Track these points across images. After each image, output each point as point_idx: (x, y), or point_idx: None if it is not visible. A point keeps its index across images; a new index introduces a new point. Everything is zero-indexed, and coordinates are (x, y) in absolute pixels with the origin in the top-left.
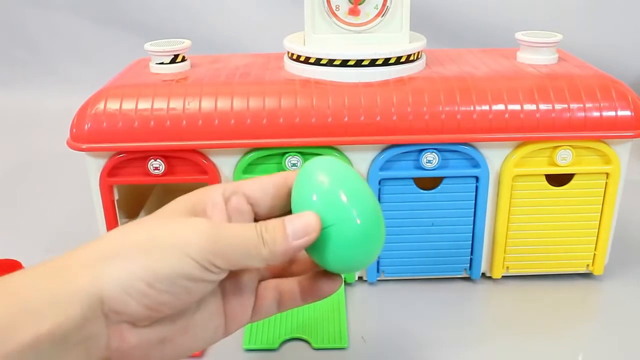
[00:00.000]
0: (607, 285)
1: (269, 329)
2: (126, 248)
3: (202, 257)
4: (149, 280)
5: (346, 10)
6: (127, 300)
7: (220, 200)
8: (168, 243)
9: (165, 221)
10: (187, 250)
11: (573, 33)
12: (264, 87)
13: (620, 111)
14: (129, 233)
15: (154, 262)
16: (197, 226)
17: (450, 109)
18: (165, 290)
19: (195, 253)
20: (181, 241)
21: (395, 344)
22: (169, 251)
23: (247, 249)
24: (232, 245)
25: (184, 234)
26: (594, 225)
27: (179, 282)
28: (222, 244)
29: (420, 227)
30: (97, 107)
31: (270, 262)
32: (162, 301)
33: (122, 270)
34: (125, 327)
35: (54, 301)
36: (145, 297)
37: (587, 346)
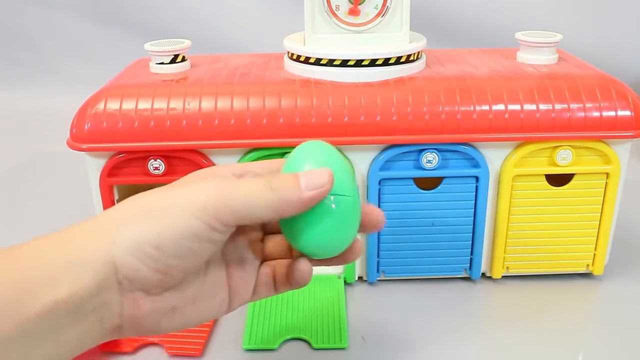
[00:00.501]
0: (607, 285)
1: (269, 329)
2: (134, 214)
3: (208, 213)
4: (156, 243)
5: (346, 10)
6: (138, 266)
7: (230, 176)
8: (173, 204)
9: (172, 186)
10: (192, 210)
11: (573, 33)
12: (264, 87)
13: (620, 111)
14: (137, 200)
15: (160, 225)
16: (202, 185)
17: (450, 109)
18: (173, 254)
19: (200, 211)
20: (186, 201)
21: (395, 344)
22: (173, 212)
23: (253, 197)
24: (238, 195)
25: (189, 194)
26: (594, 225)
27: (185, 243)
28: (226, 196)
29: (420, 227)
30: (97, 107)
31: (281, 214)
32: (171, 264)
33: (131, 236)
34: (139, 294)
35: (69, 269)
36: (155, 261)
37: (587, 346)
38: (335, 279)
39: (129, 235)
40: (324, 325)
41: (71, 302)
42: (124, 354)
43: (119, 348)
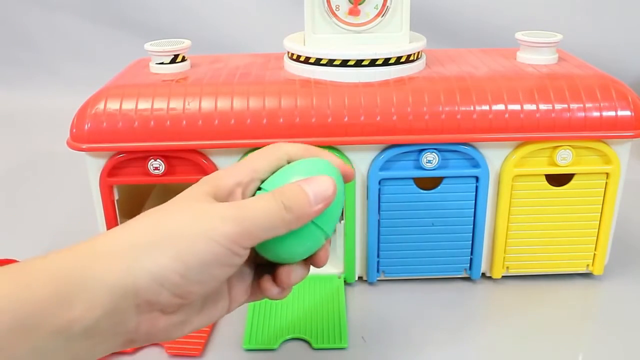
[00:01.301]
0: (607, 285)
1: (269, 329)
2: (157, 239)
3: (230, 241)
4: (182, 272)
5: (346, 10)
6: (160, 291)
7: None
8: (196, 232)
9: (187, 208)
10: (216, 238)
11: (573, 33)
12: (264, 87)
13: (620, 111)
14: (157, 221)
15: (184, 253)
16: (222, 212)
17: (450, 109)
18: (196, 280)
19: (224, 239)
20: (209, 229)
21: (395, 344)
22: (198, 241)
23: (272, 221)
24: (257, 221)
25: (211, 222)
26: (594, 225)
27: (208, 270)
28: (247, 223)
29: (420, 227)
30: (97, 107)
31: (293, 227)
32: (191, 290)
33: (154, 263)
34: (156, 315)
35: (86, 289)
36: (177, 287)
37: (587, 346)
38: (335, 279)
39: (152, 261)
40: (324, 325)
41: (85, 321)
42: (124, 354)
43: None
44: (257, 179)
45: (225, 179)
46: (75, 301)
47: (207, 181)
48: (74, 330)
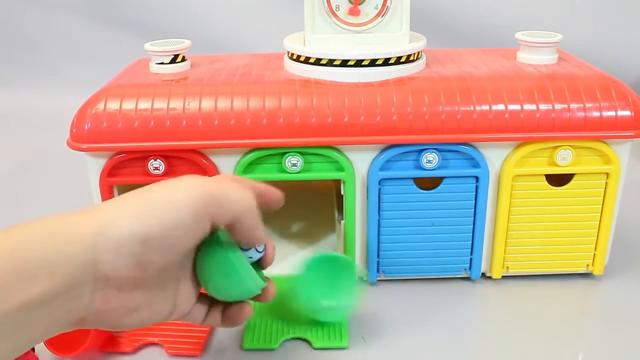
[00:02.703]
0: (607, 285)
1: (269, 329)
2: (124, 209)
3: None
4: (144, 238)
5: (346, 10)
6: (118, 264)
7: None
8: (165, 197)
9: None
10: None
11: (573, 33)
12: (264, 87)
13: (620, 111)
14: (127, 197)
15: (150, 217)
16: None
17: (450, 109)
18: (157, 245)
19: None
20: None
21: (395, 344)
22: (164, 203)
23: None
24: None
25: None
26: (594, 226)
27: (173, 233)
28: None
29: (420, 227)
30: (97, 107)
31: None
32: (152, 259)
33: (118, 231)
34: (111, 291)
35: (48, 264)
36: (139, 255)
37: (587, 346)
38: None
39: (115, 229)
40: (324, 325)
41: (44, 299)
42: (124, 354)
43: (119, 348)
44: None
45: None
46: (35, 279)
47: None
48: (32, 309)
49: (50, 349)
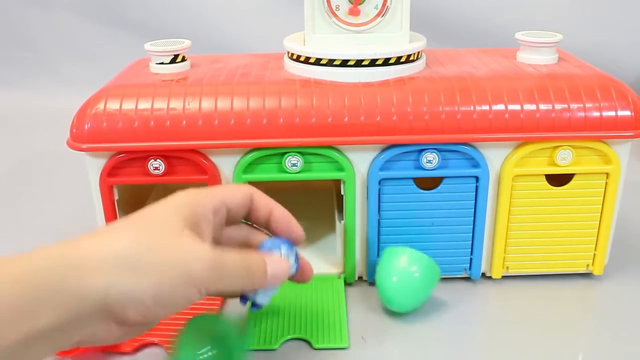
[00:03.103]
0: (607, 285)
1: (269, 329)
2: (139, 262)
3: (204, 285)
4: (155, 298)
5: (346, 10)
6: (129, 311)
7: (211, 217)
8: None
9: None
10: (194, 280)
11: (573, 33)
12: (264, 87)
13: (620, 111)
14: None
15: (162, 285)
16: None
17: (450, 109)
18: (165, 308)
19: (199, 282)
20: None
21: (395, 344)
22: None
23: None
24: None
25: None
26: (594, 226)
27: (179, 303)
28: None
29: (420, 227)
30: (97, 107)
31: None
32: (156, 315)
33: (132, 286)
34: (113, 325)
35: (58, 298)
36: (146, 309)
37: (587, 346)
38: (335, 279)
39: (130, 284)
40: (324, 325)
41: (50, 331)
42: (124, 354)
43: (119, 348)
44: (225, 207)
45: (203, 206)
46: (45, 311)
47: (187, 204)
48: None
49: None
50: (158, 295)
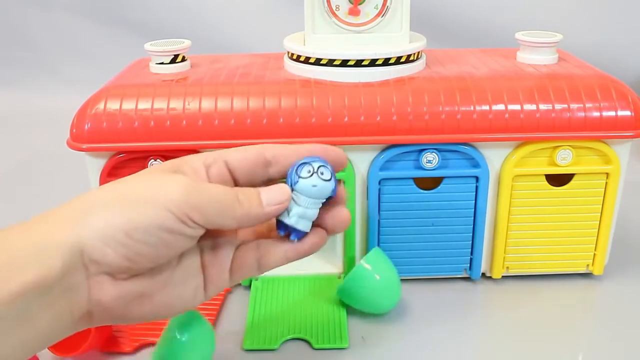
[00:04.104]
0: (607, 286)
1: (269, 329)
2: (107, 200)
3: (180, 209)
4: (127, 230)
5: (346, 10)
6: (105, 250)
7: (200, 168)
8: (147, 195)
9: (146, 177)
10: (165, 203)
11: (573, 33)
12: (264, 87)
13: (620, 111)
14: (109, 188)
15: (132, 213)
16: (177, 180)
17: (450, 109)
18: (142, 241)
19: (173, 205)
20: (160, 194)
21: (395, 344)
22: (147, 203)
23: (223, 206)
24: (210, 200)
25: (163, 187)
26: (594, 226)
27: (156, 233)
28: (199, 197)
29: (420, 227)
30: (97, 107)
31: (242, 225)
32: (140, 252)
33: (101, 221)
34: (105, 278)
35: (37, 252)
36: (124, 247)
37: (587, 346)
38: (335, 279)
39: (99, 219)
40: (324, 325)
41: (40, 284)
42: (124, 354)
43: (119, 348)
44: (222, 161)
45: (190, 161)
46: (27, 265)
47: (172, 161)
48: (30, 296)
49: (50, 349)
50: (131, 228)
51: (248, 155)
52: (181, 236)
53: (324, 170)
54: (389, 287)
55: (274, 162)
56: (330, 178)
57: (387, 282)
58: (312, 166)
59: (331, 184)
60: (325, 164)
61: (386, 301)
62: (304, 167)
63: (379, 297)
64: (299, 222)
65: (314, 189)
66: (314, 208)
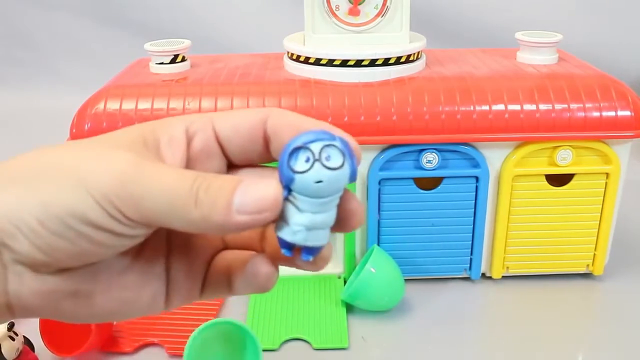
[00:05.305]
0: (606, 286)
1: (269, 329)
2: (27, 172)
3: (108, 200)
4: (39, 215)
5: (346, 10)
6: (16, 235)
7: (180, 136)
8: (70, 173)
9: (90, 145)
10: (91, 188)
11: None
12: (263, 87)
13: (620, 111)
14: (40, 155)
15: (48, 194)
16: (117, 159)
17: (450, 109)
18: (58, 234)
19: (99, 193)
20: (90, 174)
21: (395, 344)
22: (67, 183)
23: (170, 203)
24: (152, 193)
25: (100, 164)
26: (593, 226)
27: (74, 226)
28: (138, 187)
29: (420, 227)
30: (97, 107)
31: (206, 232)
32: (56, 246)
33: (13, 197)
34: (23, 269)
35: None
36: (37, 237)
37: (587, 346)
38: (335, 279)
39: (11, 194)
40: (325, 326)
41: None
42: (124, 354)
43: (119, 348)
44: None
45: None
46: None
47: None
48: None
49: (51, 348)
50: (43, 214)
51: (241, 127)
52: (113, 234)
53: (330, 153)
54: (394, 285)
55: (273, 138)
56: (343, 162)
57: (393, 281)
58: (310, 151)
59: (346, 171)
60: (331, 138)
61: (392, 298)
62: (298, 154)
63: (385, 296)
64: (309, 237)
65: (319, 187)
66: (326, 211)
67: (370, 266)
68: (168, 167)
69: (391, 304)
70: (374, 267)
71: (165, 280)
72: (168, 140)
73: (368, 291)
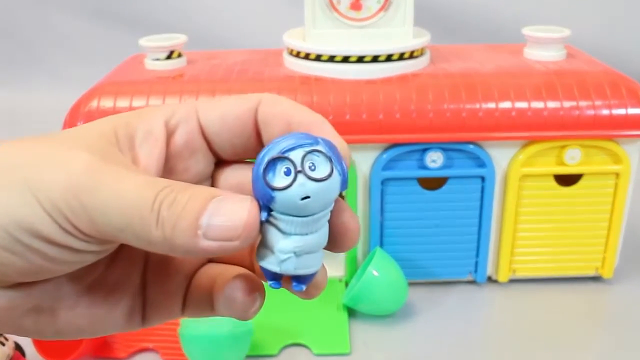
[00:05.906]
0: (616, 289)
1: (268, 334)
2: None
3: (55, 208)
4: None
5: (347, 5)
6: None
7: (158, 129)
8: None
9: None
10: (36, 193)
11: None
12: (262, 84)
13: (631, 109)
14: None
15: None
16: (68, 161)
17: (455, 107)
18: (3, 246)
19: (46, 199)
20: (42, 180)
21: (398, 349)
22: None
23: (128, 220)
24: (105, 204)
25: (44, 168)
26: (603, 227)
27: (22, 239)
28: (89, 197)
29: (424, 228)
30: (90, 104)
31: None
32: (4, 261)
33: None
34: None
35: None
36: None
37: (595, 352)
38: (337, 283)
39: None
40: (325, 330)
41: None
42: None
43: (113, 354)
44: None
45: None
46: None
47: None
48: None
49: (42, 354)
50: None
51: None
52: (68, 250)
53: (314, 160)
54: (397, 289)
55: (264, 129)
56: (331, 169)
57: (396, 284)
58: (290, 161)
59: (335, 179)
60: (313, 142)
61: (395, 302)
62: (275, 167)
63: (388, 299)
64: (300, 265)
65: (306, 204)
66: (317, 230)
67: (373, 269)
68: (131, 173)
69: (394, 308)
70: (376, 270)
71: (141, 295)
72: (144, 135)
73: (370, 295)
